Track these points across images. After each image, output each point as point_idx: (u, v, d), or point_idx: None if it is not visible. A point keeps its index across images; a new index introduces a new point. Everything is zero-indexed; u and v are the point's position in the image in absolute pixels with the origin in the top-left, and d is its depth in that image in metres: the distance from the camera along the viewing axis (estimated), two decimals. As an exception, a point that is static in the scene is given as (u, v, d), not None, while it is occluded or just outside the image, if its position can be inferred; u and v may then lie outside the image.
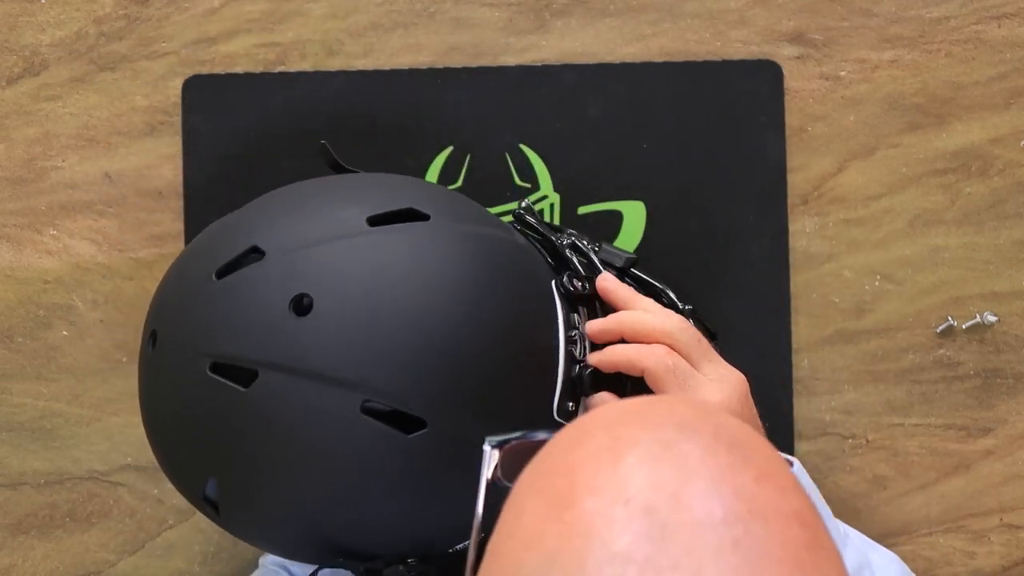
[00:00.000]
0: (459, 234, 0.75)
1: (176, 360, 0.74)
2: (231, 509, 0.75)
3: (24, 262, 0.99)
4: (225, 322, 0.72)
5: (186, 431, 0.74)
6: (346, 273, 0.71)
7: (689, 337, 0.79)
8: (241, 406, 0.70)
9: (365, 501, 0.72)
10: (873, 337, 0.98)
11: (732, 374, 0.80)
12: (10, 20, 0.99)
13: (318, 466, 0.71)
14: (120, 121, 0.99)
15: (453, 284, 0.73)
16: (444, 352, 0.71)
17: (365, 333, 0.70)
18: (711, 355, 0.80)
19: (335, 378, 0.69)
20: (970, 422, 0.98)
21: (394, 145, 0.98)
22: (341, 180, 0.81)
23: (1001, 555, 0.98)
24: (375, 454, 0.70)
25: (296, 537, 0.76)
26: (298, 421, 0.70)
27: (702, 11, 0.98)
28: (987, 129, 0.98)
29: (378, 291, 0.71)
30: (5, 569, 0.98)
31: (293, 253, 0.72)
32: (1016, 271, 0.98)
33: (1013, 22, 0.98)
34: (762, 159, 0.98)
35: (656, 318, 0.80)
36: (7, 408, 0.98)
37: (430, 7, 0.99)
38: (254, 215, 0.77)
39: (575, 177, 0.98)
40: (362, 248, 0.72)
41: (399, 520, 0.73)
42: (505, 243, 0.78)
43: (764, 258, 0.98)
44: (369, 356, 0.69)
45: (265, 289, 0.71)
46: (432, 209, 0.76)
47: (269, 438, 0.71)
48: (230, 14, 0.99)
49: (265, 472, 0.72)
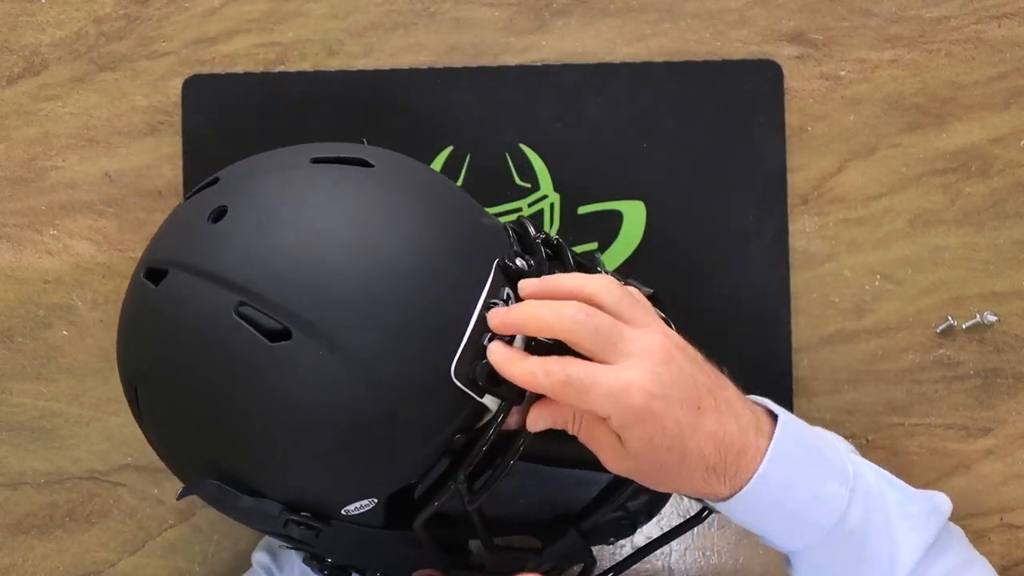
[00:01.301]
0: (391, 182, 0.76)
1: (133, 275, 0.78)
2: (141, 407, 0.77)
3: (24, 262, 0.99)
4: (165, 233, 0.77)
5: (120, 335, 0.78)
6: (266, 193, 0.74)
7: (588, 319, 0.71)
8: (146, 303, 0.75)
9: (227, 411, 0.72)
10: (873, 337, 0.98)
11: (649, 340, 0.72)
12: (10, 20, 0.99)
13: (192, 365, 0.72)
14: (120, 121, 0.99)
15: (364, 218, 0.73)
16: (328, 273, 0.71)
17: (259, 242, 0.71)
18: (624, 328, 0.72)
19: (222, 277, 0.71)
20: (970, 422, 0.98)
21: (394, 145, 0.97)
22: (318, 143, 0.83)
23: (1001, 555, 0.98)
24: (238, 357, 0.71)
25: (177, 447, 0.77)
26: (180, 318, 0.72)
27: (702, 11, 0.98)
28: (987, 129, 0.98)
29: (287, 210, 0.73)
30: (5, 569, 0.98)
31: (239, 178, 0.77)
32: (1016, 271, 0.98)
33: (1013, 22, 0.98)
34: (762, 159, 0.98)
35: (548, 310, 0.72)
36: (7, 408, 0.98)
37: (430, 7, 0.99)
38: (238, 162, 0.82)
39: (575, 177, 0.98)
40: (292, 177, 0.75)
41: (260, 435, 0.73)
42: (448, 208, 0.77)
43: (764, 258, 0.98)
44: (256, 264, 0.71)
45: (201, 204, 0.75)
46: (383, 164, 0.77)
47: (161, 333, 0.73)
48: (230, 14, 0.99)
49: (158, 369, 0.74)
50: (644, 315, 0.74)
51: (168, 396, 0.74)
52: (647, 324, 0.74)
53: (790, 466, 0.75)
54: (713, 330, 0.97)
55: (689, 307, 0.97)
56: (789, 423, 0.76)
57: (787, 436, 0.75)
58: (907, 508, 0.79)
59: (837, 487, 0.76)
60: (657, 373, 0.71)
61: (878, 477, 0.80)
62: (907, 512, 0.79)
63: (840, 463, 0.78)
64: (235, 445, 0.73)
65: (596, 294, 0.73)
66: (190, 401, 0.73)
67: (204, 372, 0.72)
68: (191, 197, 0.78)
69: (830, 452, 0.78)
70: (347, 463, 0.72)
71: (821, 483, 0.76)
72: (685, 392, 0.72)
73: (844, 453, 0.80)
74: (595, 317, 0.72)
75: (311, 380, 0.70)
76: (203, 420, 0.73)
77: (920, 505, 0.80)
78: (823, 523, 0.76)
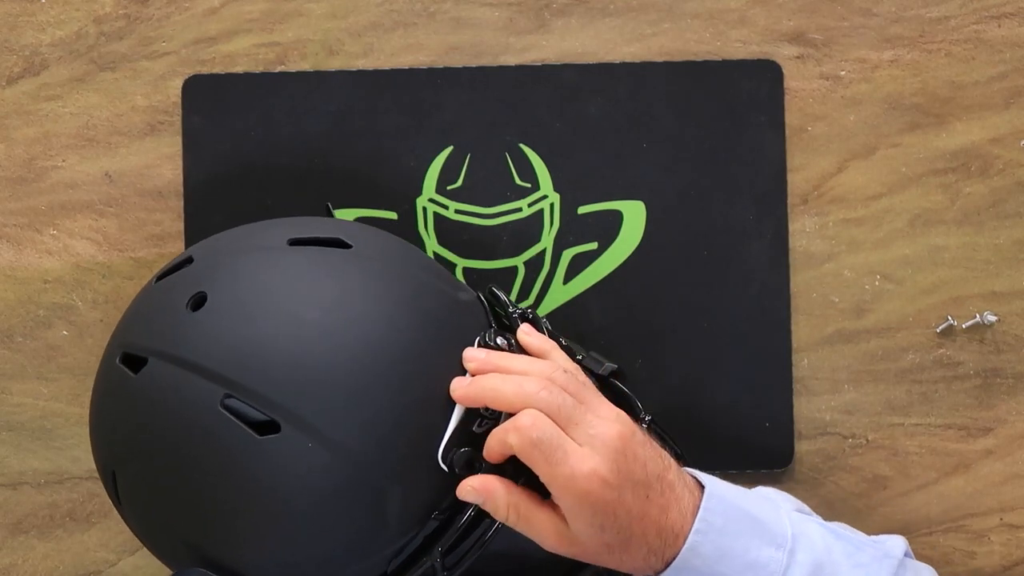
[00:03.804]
0: (371, 265, 0.76)
1: (106, 354, 0.77)
2: (120, 492, 0.76)
3: (24, 262, 0.99)
4: (139, 317, 0.77)
5: (96, 419, 0.78)
6: (245, 278, 0.74)
7: (552, 397, 0.72)
8: (126, 391, 0.74)
9: (213, 500, 0.71)
10: (873, 337, 0.98)
11: (606, 428, 0.73)
12: (10, 20, 0.99)
13: (177, 455, 0.72)
14: (120, 121, 0.99)
15: (345, 304, 0.73)
16: (313, 365, 0.71)
17: (242, 333, 0.71)
18: (585, 412, 0.73)
19: (205, 369, 0.70)
20: (970, 422, 0.98)
21: (394, 145, 0.98)
22: (292, 218, 0.83)
23: (1001, 555, 0.98)
24: (227, 451, 0.70)
25: (160, 533, 0.76)
26: (162, 408, 0.72)
27: (702, 11, 0.98)
28: (987, 129, 0.98)
29: (268, 298, 0.72)
30: (5, 569, 0.98)
31: (213, 261, 0.76)
32: (1016, 271, 0.98)
33: (1013, 22, 0.98)
34: (762, 159, 0.98)
35: (511, 384, 0.73)
36: (7, 408, 0.98)
37: (430, 7, 0.99)
38: (210, 237, 0.81)
39: (575, 177, 0.98)
40: (270, 260, 0.75)
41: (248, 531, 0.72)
42: (429, 290, 0.77)
43: (764, 258, 0.98)
44: (238, 354, 0.71)
45: (177, 289, 0.75)
46: (360, 244, 0.77)
47: (143, 423, 0.73)
48: (230, 14, 0.99)
49: (139, 456, 0.74)
50: (594, 397, 0.75)
51: (149, 483, 0.74)
52: (600, 408, 0.75)
53: (719, 536, 0.75)
54: (713, 330, 0.97)
55: (689, 307, 0.98)
56: (716, 493, 0.76)
57: (714, 506, 0.75)
58: (857, 558, 0.79)
59: (773, 551, 0.76)
60: (615, 463, 0.72)
61: (824, 532, 0.80)
62: (857, 562, 0.79)
63: (777, 526, 0.77)
64: (219, 533, 0.73)
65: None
66: (173, 489, 0.73)
67: (189, 462, 0.71)
68: (165, 277, 0.77)
69: (767, 515, 0.78)
70: (334, 549, 0.73)
71: (755, 549, 0.76)
72: (637, 483, 0.73)
73: (785, 513, 0.79)
74: (557, 394, 0.73)
75: (299, 471, 0.70)
76: (187, 508, 0.73)
77: (870, 553, 0.80)
78: None
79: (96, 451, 0.78)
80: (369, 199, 0.97)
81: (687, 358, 0.97)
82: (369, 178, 0.98)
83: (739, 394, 0.97)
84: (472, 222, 0.98)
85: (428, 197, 0.98)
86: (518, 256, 0.98)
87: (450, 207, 0.98)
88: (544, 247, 0.98)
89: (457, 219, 0.98)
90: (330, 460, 0.70)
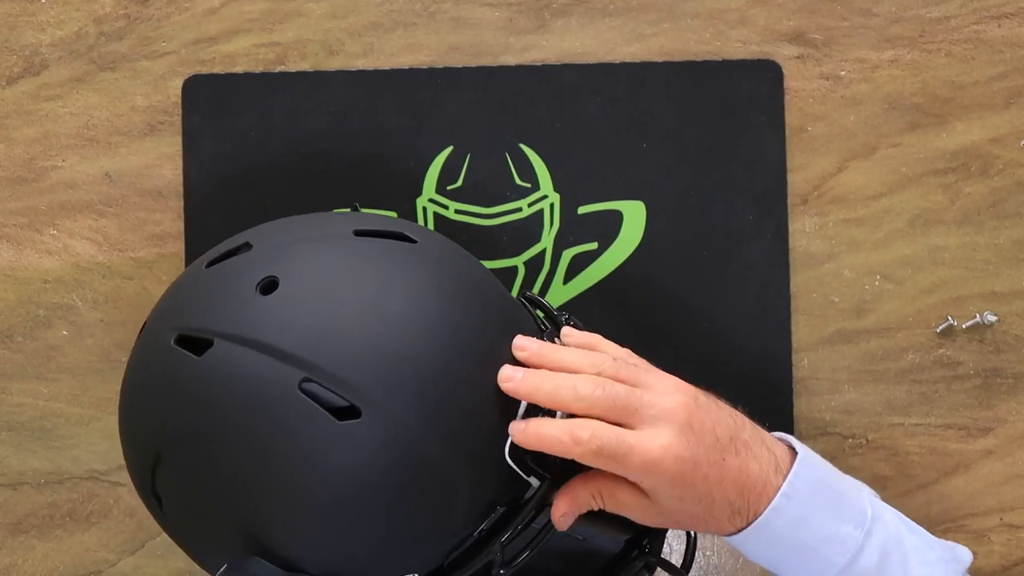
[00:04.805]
0: (440, 260, 0.76)
1: (149, 338, 0.76)
2: (161, 476, 0.74)
3: (24, 262, 0.99)
4: (197, 300, 0.75)
5: (142, 402, 0.76)
6: (317, 265, 0.73)
7: (606, 394, 0.72)
8: (186, 373, 0.72)
9: (281, 484, 0.71)
10: (873, 337, 0.98)
11: (667, 402, 0.73)
12: (10, 20, 0.99)
13: (244, 438, 0.71)
14: (120, 121, 0.99)
15: (419, 297, 0.73)
16: (392, 353, 0.70)
17: (319, 316, 0.71)
18: (642, 394, 0.73)
19: (281, 351, 0.70)
20: (970, 422, 0.98)
21: (394, 145, 0.98)
22: (344, 211, 0.83)
23: (1001, 555, 0.98)
24: (304, 433, 0.70)
25: (210, 520, 0.74)
26: (232, 390, 0.70)
27: (702, 11, 0.98)
28: (987, 129, 0.98)
29: (343, 284, 0.72)
30: (5, 569, 0.98)
31: (278, 247, 0.75)
32: (1016, 271, 0.98)
33: (1013, 22, 0.98)
34: (762, 159, 0.98)
35: (566, 390, 0.72)
36: (7, 408, 0.98)
37: (430, 7, 0.99)
38: (259, 226, 0.79)
39: (575, 177, 0.98)
40: (340, 249, 0.75)
41: (323, 521, 0.72)
42: (491, 288, 0.78)
43: (764, 258, 0.98)
44: (319, 338, 0.70)
45: (242, 273, 0.74)
46: (422, 239, 0.77)
47: (202, 406, 0.71)
48: (230, 14, 0.99)
49: (197, 438, 0.72)
50: (648, 376, 0.75)
51: (207, 466, 0.72)
52: (657, 384, 0.75)
53: (804, 503, 0.76)
54: (713, 330, 0.97)
55: (689, 307, 0.98)
56: (808, 460, 0.77)
57: (804, 473, 0.76)
58: (926, 555, 0.80)
59: (851, 529, 0.77)
60: (683, 436, 0.73)
61: (899, 523, 0.80)
62: (925, 559, 0.80)
63: (859, 505, 0.78)
64: (281, 518, 0.72)
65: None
66: (237, 472, 0.71)
67: (260, 444, 0.70)
68: (220, 261, 0.76)
69: (850, 493, 0.79)
70: (402, 539, 0.72)
71: (835, 522, 0.77)
72: (710, 449, 0.74)
73: (866, 496, 0.80)
74: (611, 388, 0.73)
75: (376, 459, 0.70)
76: (250, 491, 0.71)
77: (939, 553, 0.81)
78: (835, 562, 0.76)
79: (134, 436, 0.76)
80: (369, 199, 0.97)
81: (687, 358, 0.97)
82: (369, 178, 0.98)
83: (739, 394, 0.97)
84: (472, 222, 0.98)
85: (428, 197, 0.98)
86: (518, 256, 0.98)
87: (450, 207, 0.98)
88: (544, 247, 0.98)
89: (457, 219, 0.98)
90: (406, 449, 0.70)
